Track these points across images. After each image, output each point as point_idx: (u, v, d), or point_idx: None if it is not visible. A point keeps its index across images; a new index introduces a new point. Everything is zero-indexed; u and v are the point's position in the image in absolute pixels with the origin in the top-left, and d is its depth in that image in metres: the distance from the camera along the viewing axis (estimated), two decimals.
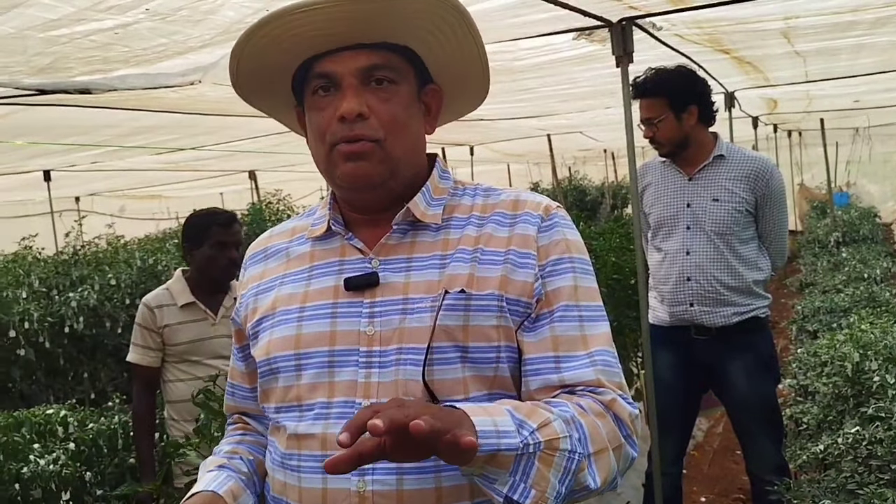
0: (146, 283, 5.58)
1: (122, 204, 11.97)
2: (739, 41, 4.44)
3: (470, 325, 1.15)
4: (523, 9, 3.03)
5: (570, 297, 1.20)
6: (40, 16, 2.27)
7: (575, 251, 1.23)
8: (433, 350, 1.13)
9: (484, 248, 1.20)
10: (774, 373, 3.16)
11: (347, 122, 1.16)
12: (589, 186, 14.68)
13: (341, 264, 1.23)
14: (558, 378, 1.16)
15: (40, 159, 7.55)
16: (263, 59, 1.19)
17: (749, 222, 3.07)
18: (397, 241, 1.23)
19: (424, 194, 1.24)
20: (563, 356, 1.17)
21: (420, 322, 1.15)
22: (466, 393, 1.14)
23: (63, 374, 5.15)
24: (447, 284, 1.16)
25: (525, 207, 1.24)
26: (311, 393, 1.19)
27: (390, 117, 1.17)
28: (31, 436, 3.37)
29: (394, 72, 1.19)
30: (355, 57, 1.17)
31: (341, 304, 1.20)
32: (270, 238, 1.36)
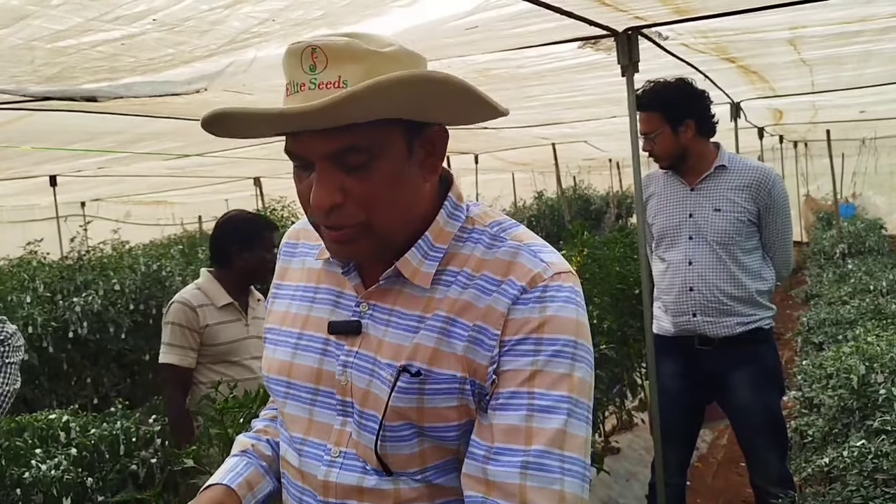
0: (150, 288, 5.59)
1: (127, 209, 11.99)
2: (745, 49, 4.44)
3: (425, 407, 1.07)
4: (529, 18, 3.03)
5: (522, 383, 1.03)
6: (48, 27, 2.28)
7: (550, 331, 1.04)
8: (385, 427, 1.09)
9: (457, 319, 1.08)
10: (779, 384, 3.14)
11: (323, 214, 1.05)
12: (593, 196, 14.67)
13: (339, 297, 1.19)
14: (482, 470, 1.03)
15: (47, 164, 7.58)
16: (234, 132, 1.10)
17: (752, 232, 3.06)
18: (387, 288, 1.14)
19: (420, 247, 1.12)
20: (497, 447, 1.02)
21: (380, 392, 1.10)
22: (423, 464, 1.11)
23: (66, 378, 5.16)
24: (410, 354, 1.08)
25: (512, 273, 1.08)
26: (291, 423, 1.20)
27: (370, 198, 1.04)
28: (33, 441, 3.36)
29: (368, 151, 1.03)
30: (324, 140, 1.02)
31: (331, 343, 1.17)
32: (300, 233, 1.31)
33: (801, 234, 11.66)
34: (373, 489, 1.11)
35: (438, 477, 1.12)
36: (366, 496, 1.11)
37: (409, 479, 1.11)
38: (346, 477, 1.12)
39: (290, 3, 2.19)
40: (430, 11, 2.64)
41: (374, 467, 1.11)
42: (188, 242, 8.40)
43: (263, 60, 2.85)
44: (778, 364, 3.19)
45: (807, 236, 11.57)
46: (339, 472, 1.12)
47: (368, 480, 1.11)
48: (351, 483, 1.11)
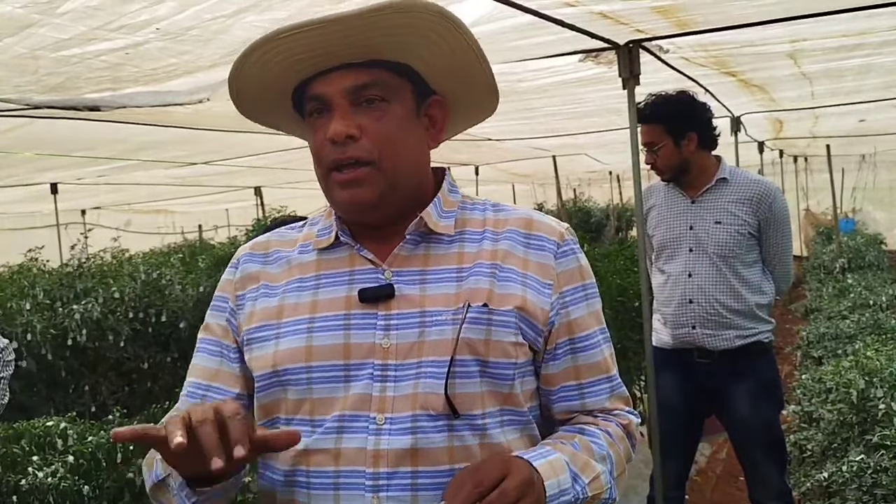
0: (150, 296, 5.58)
1: (127, 218, 12.01)
2: (746, 63, 4.46)
3: (492, 339, 1.15)
4: (530, 31, 3.05)
5: (588, 325, 1.24)
6: (52, 36, 2.28)
7: (587, 277, 1.26)
8: (456, 363, 1.12)
9: (501, 265, 1.19)
10: (778, 398, 3.14)
11: (338, 145, 1.14)
12: (594, 208, 14.69)
13: (351, 275, 1.20)
14: (580, 404, 1.25)
15: (48, 172, 7.60)
16: (259, 85, 1.18)
17: (752, 245, 3.06)
18: (409, 252, 1.20)
19: (436, 205, 1.23)
20: (586, 383, 1.24)
21: (441, 335, 1.14)
22: (483, 407, 1.15)
23: (64, 386, 5.14)
24: (468, 297, 1.15)
25: (539, 230, 1.24)
26: (323, 407, 1.15)
27: (383, 136, 1.15)
28: (31, 448, 3.36)
29: (385, 89, 1.16)
30: (343, 77, 1.14)
31: (354, 316, 1.16)
32: (269, 243, 1.30)
33: (801, 249, 11.66)
34: (426, 449, 1.11)
35: (494, 427, 1.15)
36: (419, 458, 1.11)
37: (468, 429, 1.13)
38: (398, 441, 1.11)
39: (293, 12, 2.20)
40: None
41: (440, 413, 1.12)
42: (188, 251, 8.40)
43: None
44: (777, 378, 3.18)
45: (806, 251, 11.57)
46: (389, 439, 1.11)
47: (421, 440, 1.11)
48: (404, 446, 1.11)
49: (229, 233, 12.14)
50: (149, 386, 5.59)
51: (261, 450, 1.01)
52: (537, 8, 2.72)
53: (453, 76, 1.21)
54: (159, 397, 5.23)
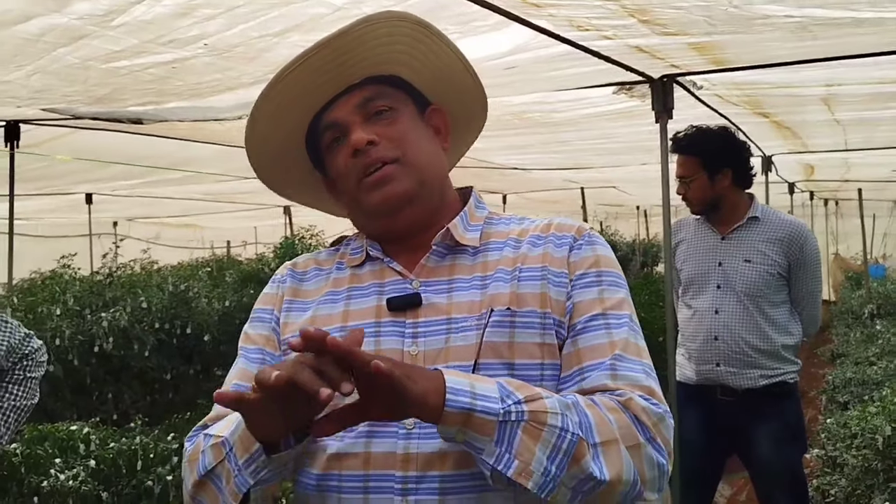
0: (177, 308, 5.65)
1: (157, 230, 12.17)
2: (779, 105, 4.46)
3: (516, 341, 1.16)
4: (565, 61, 3.09)
5: (594, 308, 1.19)
6: (104, 47, 2.36)
7: (604, 265, 1.24)
8: (479, 367, 1.14)
9: (522, 266, 1.22)
10: (801, 441, 3.09)
11: (361, 153, 1.20)
12: (620, 242, 14.65)
13: (381, 286, 1.24)
14: (578, 388, 1.15)
15: (84, 183, 7.76)
16: (275, 143, 1.26)
17: (781, 286, 3.04)
18: (436, 263, 1.24)
19: (462, 219, 1.27)
20: (587, 366, 1.16)
21: (465, 340, 1.16)
22: None
23: (88, 392, 5.21)
24: (490, 303, 1.18)
25: (558, 229, 1.27)
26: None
27: (400, 136, 1.22)
28: (54, 450, 3.40)
29: (389, 99, 1.24)
30: (348, 99, 1.22)
31: (384, 324, 1.20)
32: (309, 262, 1.36)
33: (829, 293, 11.51)
34: (454, 453, 1.11)
35: None
36: (448, 462, 1.12)
37: None
38: (427, 445, 1.12)
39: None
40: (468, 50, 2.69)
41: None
42: (216, 266, 8.50)
43: None
44: (801, 420, 3.14)
45: (835, 295, 11.42)
46: (418, 442, 1.13)
47: (449, 445, 1.10)
48: (433, 450, 1.12)
49: (257, 250, 12.25)
50: (170, 396, 5.64)
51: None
52: (575, 39, 2.76)
53: (442, 82, 1.29)
54: (180, 408, 5.26)
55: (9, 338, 1.95)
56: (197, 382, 5.72)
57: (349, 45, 1.18)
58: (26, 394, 2.05)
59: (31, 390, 2.07)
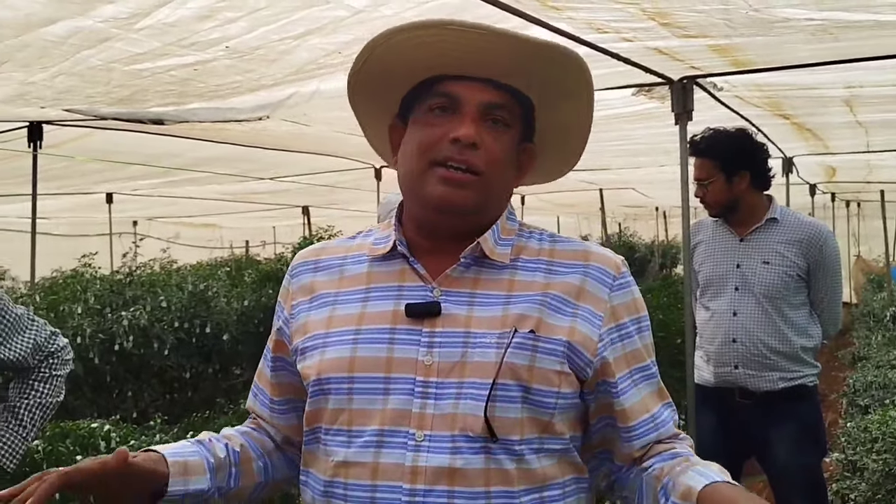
0: (196, 307, 5.69)
1: (177, 230, 12.26)
2: (800, 107, 4.43)
3: (536, 366, 1.15)
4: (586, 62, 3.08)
5: (644, 357, 1.26)
6: (127, 49, 2.39)
7: (642, 309, 1.28)
8: (497, 386, 1.13)
9: (553, 294, 1.20)
10: (820, 444, 3.07)
11: (459, 146, 1.16)
12: (638, 244, 14.58)
13: (400, 289, 1.21)
14: (657, 435, 1.25)
15: (104, 183, 7.84)
16: (396, 62, 1.20)
17: (800, 287, 3.02)
18: (460, 274, 1.21)
19: (494, 232, 1.24)
20: (656, 413, 1.26)
21: (483, 357, 1.15)
22: (522, 433, 1.15)
23: (108, 390, 5.25)
24: (515, 323, 1.16)
25: (595, 261, 1.25)
26: (362, 418, 1.16)
27: (497, 155, 1.19)
28: (75, 447, 3.44)
29: (510, 115, 1.21)
30: (484, 90, 1.19)
31: (399, 331, 1.18)
32: (323, 250, 1.33)
33: (851, 295, 11.40)
34: (463, 469, 1.12)
35: (532, 453, 1.15)
36: (456, 478, 1.12)
37: (504, 453, 1.13)
38: (436, 459, 1.12)
39: (356, 36, 2.27)
40: None
41: (478, 435, 1.12)
42: (235, 265, 8.55)
43: (325, 92, 2.94)
44: (821, 423, 3.11)
45: (856, 297, 11.31)
46: (427, 456, 1.12)
47: (458, 460, 1.12)
48: (441, 465, 1.12)
49: (275, 249, 12.33)
50: (189, 395, 5.68)
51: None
52: (595, 41, 2.76)
53: (559, 135, 1.28)
54: (199, 407, 5.31)
55: (35, 335, 1.98)
56: (216, 381, 5.76)
57: (527, 53, 1.16)
58: (51, 391, 2.07)
59: (56, 388, 2.09)
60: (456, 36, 1.15)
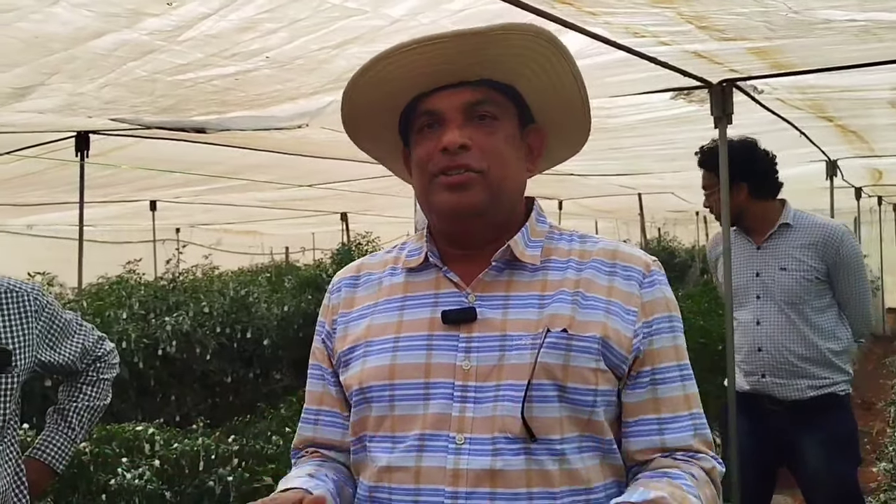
0: (237, 313, 5.78)
1: (218, 237, 12.46)
2: (844, 109, 4.35)
3: (570, 364, 1.16)
4: (622, 67, 3.08)
5: (671, 357, 1.23)
6: (171, 61, 2.45)
7: (674, 309, 1.25)
8: (532, 387, 1.14)
9: (585, 293, 1.21)
10: (852, 454, 2.99)
11: (449, 153, 1.18)
12: (678, 249, 14.40)
13: (436, 297, 1.24)
14: (660, 440, 1.20)
15: (148, 191, 8.01)
16: (371, 102, 1.23)
17: (822, 290, 2.97)
18: (493, 278, 1.23)
19: (523, 234, 1.25)
20: (666, 418, 1.21)
21: (520, 359, 1.16)
22: (562, 432, 1.15)
23: (152, 394, 5.35)
24: (548, 323, 1.17)
25: (625, 260, 1.25)
26: (404, 424, 1.19)
27: (493, 149, 1.20)
28: (121, 450, 3.51)
29: (496, 107, 1.22)
30: (459, 94, 1.20)
31: (437, 337, 1.20)
32: (362, 267, 1.36)
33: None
34: (504, 471, 1.13)
35: (574, 452, 1.16)
36: (497, 480, 1.13)
37: (546, 453, 1.14)
38: (477, 462, 1.13)
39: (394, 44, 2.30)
40: None
41: (517, 436, 1.13)
42: (275, 271, 8.66)
43: None
44: (854, 432, 3.04)
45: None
46: (468, 458, 1.14)
47: (499, 462, 1.13)
48: (483, 467, 1.13)
49: (314, 256, 12.45)
50: (231, 400, 5.76)
51: None
52: (632, 45, 2.75)
53: (554, 105, 1.27)
54: (240, 411, 5.38)
55: (83, 340, 2.03)
56: (256, 386, 5.83)
57: (480, 44, 1.16)
58: (99, 394, 2.12)
59: (103, 391, 2.14)
60: (412, 56, 1.17)
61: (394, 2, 2.18)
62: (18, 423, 1.90)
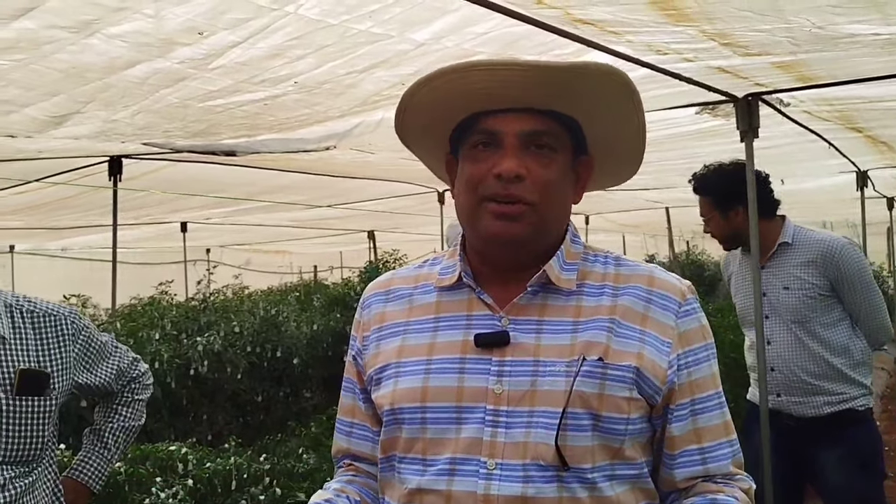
0: (267, 332, 5.83)
1: (248, 257, 12.60)
2: (872, 119, 4.31)
3: (605, 393, 1.16)
4: (646, 84, 3.08)
5: (710, 386, 1.23)
6: (202, 87, 2.51)
7: (709, 336, 1.25)
8: (567, 415, 1.14)
9: (620, 321, 1.20)
10: (876, 469, 2.94)
11: (503, 181, 1.17)
12: (707, 262, 14.25)
13: (469, 319, 1.23)
14: (703, 469, 1.22)
15: (179, 212, 8.15)
16: (431, 111, 1.22)
17: (828, 306, 2.93)
18: (527, 301, 1.22)
19: (559, 258, 1.24)
20: (708, 447, 1.22)
21: (553, 385, 1.16)
22: (593, 461, 1.15)
23: (185, 413, 5.41)
24: (582, 350, 1.17)
25: (662, 288, 1.24)
26: (436, 447, 1.18)
27: (546, 182, 1.19)
28: (154, 469, 3.56)
29: (555, 139, 1.20)
30: (521, 120, 1.19)
31: (469, 360, 1.19)
32: (393, 280, 1.35)
33: None
34: (535, 498, 1.13)
35: (604, 480, 1.16)
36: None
37: (577, 481, 1.14)
38: (508, 487, 1.13)
39: (419, 68, 2.33)
40: None
41: (549, 464, 1.13)
42: (304, 290, 8.73)
43: (389, 121, 3.01)
44: (877, 447, 2.98)
45: None
46: (499, 484, 1.13)
47: (530, 489, 1.13)
48: (514, 493, 1.13)
49: (342, 274, 12.53)
50: (261, 418, 5.80)
51: None
52: (655, 63, 2.76)
53: (613, 143, 1.27)
54: (271, 429, 5.41)
55: (118, 361, 2.07)
56: (287, 404, 5.87)
57: (555, 77, 1.16)
58: (133, 415, 2.16)
59: (138, 412, 2.18)
60: (486, 74, 1.16)
61: (419, 26, 2.21)
62: (56, 444, 1.94)
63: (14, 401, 1.74)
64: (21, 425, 1.75)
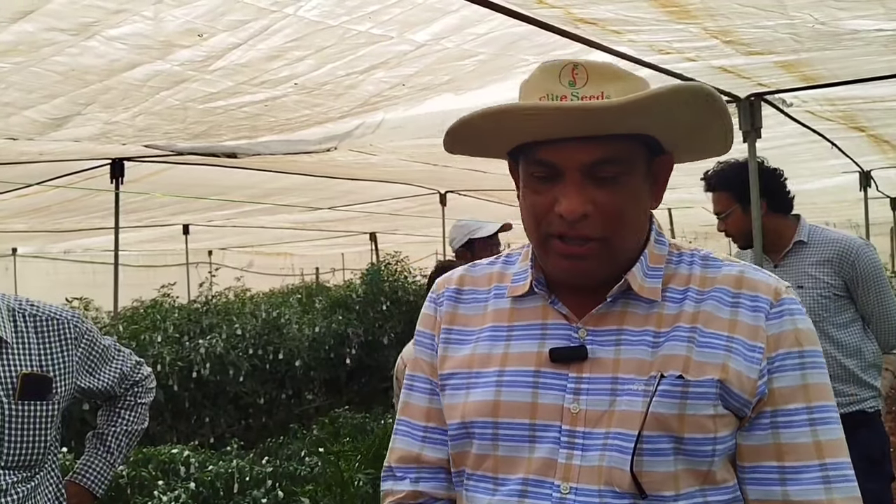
0: (269, 334, 5.82)
1: (250, 259, 12.61)
2: (876, 119, 4.30)
3: (686, 413, 1.05)
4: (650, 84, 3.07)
5: (798, 398, 1.08)
6: (202, 90, 2.51)
7: (806, 343, 1.10)
8: (643, 439, 1.04)
9: (702, 329, 1.09)
10: (883, 471, 2.91)
11: (568, 221, 1.06)
12: None
13: (544, 328, 1.14)
14: (782, 492, 1.07)
15: (181, 215, 8.15)
16: (483, 138, 1.12)
17: (842, 306, 2.92)
18: (606, 308, 1.12)
19: (642, 264, 1.13)
20: (790, 467, 1.07)
21: (630, 406, 1.06)
22: (677, 489, 1.05)
23: (187, 416, 5.40)
24: (661, 366, 1.07)
25: (751, 288, 1.12)
26: (507, 466, 1.11)
27: (616, 213, 1.07)
28: (157, 472, 3.55)
29: (623, 164, 1.07)
30: (582, 149, 1.05)
31: (544, 374, 1.11)
32: (465, 280, 1.26)
33: None
34: None
35: None
36: None
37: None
38: None
39: (419, 69, 2.33)
40: None
41: (625, 491, 1.05)
42: (306, 292, 8.72)
43: (390, 122, 3.01)
44: (885, 448, 2.96)
45: None
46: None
47: None
48: None
49: (344, 276, 12.53)
50: (263, 421, 5.79)
51: None
52: (657, 63, 2.75)
53: (692, 143, 1.14)
54: (273, 432, 5.40)
55: (121, 365, 2.06)
56: (289, 407, 5.86)
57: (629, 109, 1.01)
58: (137, 419, 2.15)
59: (141, 415, 2.17)
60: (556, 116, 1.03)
61: (419, 27, 2.21)
62: (59, 448, 1.93)
63: (16, 405, 1.73)
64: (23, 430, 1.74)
